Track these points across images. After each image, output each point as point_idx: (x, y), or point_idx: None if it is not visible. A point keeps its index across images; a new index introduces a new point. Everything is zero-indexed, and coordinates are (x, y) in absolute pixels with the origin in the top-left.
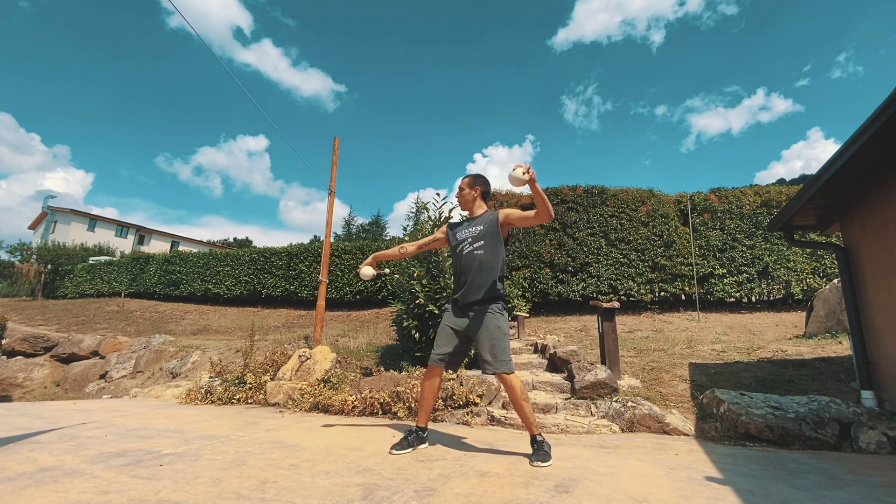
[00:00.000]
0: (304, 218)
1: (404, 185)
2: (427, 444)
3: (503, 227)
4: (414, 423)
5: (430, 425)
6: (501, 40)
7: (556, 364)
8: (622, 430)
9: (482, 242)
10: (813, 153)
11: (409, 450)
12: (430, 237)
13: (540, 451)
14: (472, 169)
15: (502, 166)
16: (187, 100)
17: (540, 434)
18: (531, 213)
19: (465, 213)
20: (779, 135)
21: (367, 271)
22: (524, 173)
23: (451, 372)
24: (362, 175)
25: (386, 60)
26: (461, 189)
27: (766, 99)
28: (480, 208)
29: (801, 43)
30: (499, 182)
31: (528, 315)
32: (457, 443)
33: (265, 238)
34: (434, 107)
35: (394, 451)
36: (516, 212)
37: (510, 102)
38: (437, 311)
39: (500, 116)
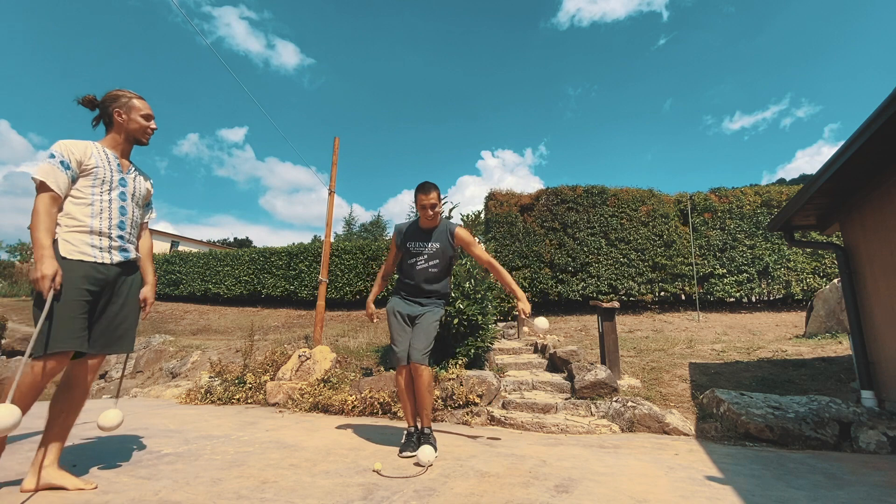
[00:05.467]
0: (308, 215)
1: (400, 182)
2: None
3: (454, 243)
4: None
5: (431, 425)
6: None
7: (556, 364)
8: (622, 430)
9: (437, 261)
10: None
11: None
12: (391, 256)
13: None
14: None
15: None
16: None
17: (429, 427)
18: (486, 258)
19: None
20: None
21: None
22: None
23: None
24: (360, 168)
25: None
26: None
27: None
28: (428, 220)
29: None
30: (496, 183)
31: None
32: (457, 443)
33: (275, 238)
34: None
35: (403, 455)
36: (473, 242)
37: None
38: None
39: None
